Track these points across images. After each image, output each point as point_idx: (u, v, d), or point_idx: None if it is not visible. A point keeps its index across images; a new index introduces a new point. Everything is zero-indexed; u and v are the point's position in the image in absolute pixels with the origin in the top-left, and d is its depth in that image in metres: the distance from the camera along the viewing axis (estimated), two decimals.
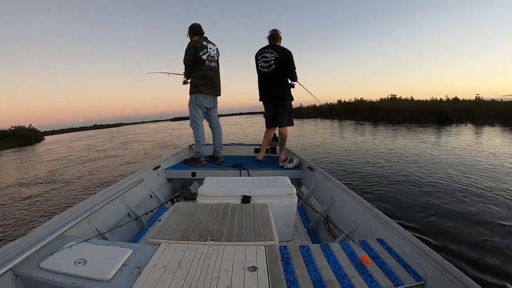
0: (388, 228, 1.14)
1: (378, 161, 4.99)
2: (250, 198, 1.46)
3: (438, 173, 3.99)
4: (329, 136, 9.45)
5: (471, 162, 4.58)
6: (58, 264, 0.92)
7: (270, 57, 2.48)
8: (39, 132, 22.02)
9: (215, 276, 0.84)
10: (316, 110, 22.91)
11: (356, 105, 19.80)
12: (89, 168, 6.51)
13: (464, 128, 10.14)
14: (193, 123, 2.70)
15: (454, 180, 3.59)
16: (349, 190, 1.60)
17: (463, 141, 6.83)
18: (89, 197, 1.57)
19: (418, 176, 3.88)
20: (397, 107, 15.24)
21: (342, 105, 21.48)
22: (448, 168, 4.25)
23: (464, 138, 7.50)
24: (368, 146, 6.78)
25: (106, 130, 39.75)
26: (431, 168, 4.27)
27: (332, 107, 21.83)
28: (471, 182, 3.49)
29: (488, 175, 3.77)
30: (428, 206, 2.79)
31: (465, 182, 3.48)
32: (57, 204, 3.77)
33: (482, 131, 8.79)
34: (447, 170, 4.13)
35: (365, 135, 9.46)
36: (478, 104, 13.66)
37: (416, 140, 7.32)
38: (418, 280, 0.86)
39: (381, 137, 8.54)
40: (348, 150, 6.38)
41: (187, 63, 2.62)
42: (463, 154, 5.22)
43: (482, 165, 4.30)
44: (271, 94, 2.60)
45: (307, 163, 2.42)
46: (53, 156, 9.89)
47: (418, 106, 15.24)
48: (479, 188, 3.23)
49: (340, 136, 9.29)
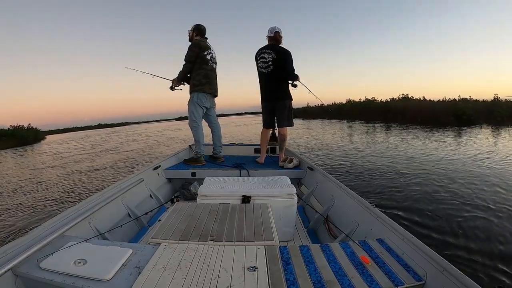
0: (388, 228, 1.14)
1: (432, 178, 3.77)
2: (250, 198, 1.46)
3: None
4: (351, 139, 8.35)
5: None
6: (58, 264, 0.92)
7: (268, 57, 2.47)
8: (39, 131, 21.96)
9: (215, 276, 0.84)
10: (324, 110, 22.10)
11: (367, 104, 19.05)
12: (64, 180, 5.30)
13: (492, 130, 9.20)
14: (192, 123, 2.69)
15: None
16: (349, 190, 1.60)
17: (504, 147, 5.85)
18: (89, 197, 1.57)
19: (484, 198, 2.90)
20: (412, 107, 14.26)
21: (352, 104, 20.76)
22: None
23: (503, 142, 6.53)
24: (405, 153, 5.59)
25: (107, 130, 39.58)
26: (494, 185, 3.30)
27: (341, 107, 21.05)
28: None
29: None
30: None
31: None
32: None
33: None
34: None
35: (390, 137, 8.47)
36: (497, 104, 12.45)
37: (459, 145, 6.27)
38: (418, 280, 0.86)
39: (414, 140, 7.41)
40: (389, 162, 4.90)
41: (189, 59, 2.59)
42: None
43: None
44: (270, 94, 2.59)
45: (307, 163, 2.42)
46: (38, 159, 9.22)
47: (435, 106, 14.08)
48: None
49: (360, 140, 8.05)
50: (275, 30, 2.53)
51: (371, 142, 7.58)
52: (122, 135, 20.14)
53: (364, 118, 16.61)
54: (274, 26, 2.54)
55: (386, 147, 6.61)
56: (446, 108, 12.91)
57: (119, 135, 19.73)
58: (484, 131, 9.09)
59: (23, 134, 18.04)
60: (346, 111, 19.89)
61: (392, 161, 4.98)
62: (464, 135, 8.32)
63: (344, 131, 11.77)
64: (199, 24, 2.68)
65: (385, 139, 8.21)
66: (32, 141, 18.03)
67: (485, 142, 6.83)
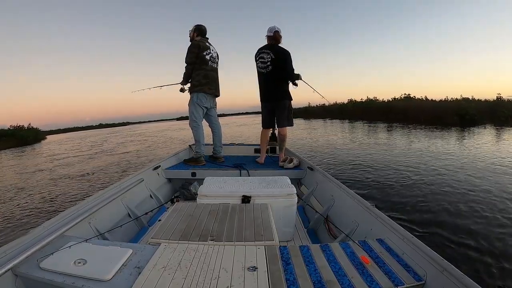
0: (388, 228, 1.14)
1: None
2: (250, 198, 1.46)
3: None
4: (360, 141, 7.85)
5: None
6: (58, 264, 0.92)
7: (266, 58, 2.47)
8: (40, 131, 21.97)
9: (215, 276, 0.84)
10: (326, 109, 22.01)
11: (369, 104, 18.93)
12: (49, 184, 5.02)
13: (497, 130, 8.97)
14: (192, 123, 2.69)
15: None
16: (349, 190, 1.60)
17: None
18: (89, 197, 1.57)
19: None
20: (415, 107, 14.11)
21: (354, 104, 20.66)
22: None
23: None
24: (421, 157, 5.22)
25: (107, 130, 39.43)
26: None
27: (343, 107, 20.89)
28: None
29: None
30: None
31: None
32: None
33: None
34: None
35: (397, 138, 8.07)
36: (500, 104, 12.37)
37: (469, 146, 5.93)
38: (418, 280, 0.86)
39: (424, 141, 7.01)
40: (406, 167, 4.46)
41: (189, 61, 2.61)
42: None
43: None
44: (270, 95, 2.59)
45: (307, 163, 2.42)
46: (30, 162, 8.80)
47: (438, 106, 13.96)
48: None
49: (373, 143, 7.42)
50: (274, 30, 2.53)
51: (378, 144, 7.18)
52: (122, 135, 20.11)
53: (367, 118, 16.41)
54: (273, 25, 2.54)
55: (396, 148, 6.34)
56: (449, 108, 12.75)
57: (118, 135, 19.68)
58: (489, 131, 8.87)
59: (23, 134, 18.05)
60: (348, 111, 19.72)
61: (404, 164, 4.69)
62: (469, 135, 8.12)
63: (348, 131, 11.43)
64: (199, 25, 2.69)
65: (392, 140, 7.81)
66: (32, 141, 18.04)
67: (493, 142, 6.63)
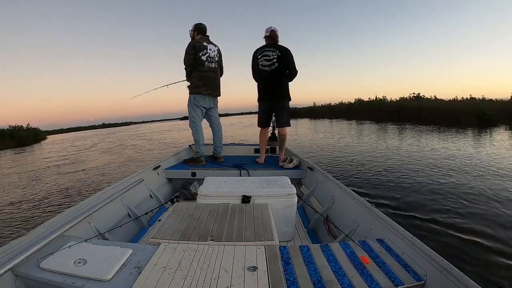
0: (388, 228, 1.14)
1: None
2: (250, 198, 1.46)
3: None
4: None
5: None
6: (58, 264, 0.92)
7: (272, 55, 2.47)
8: (40, 131, 21.84)
9: (215, 276, 0.84)
10: (332, 109, 21.49)
11: (377, 104, 18.40)
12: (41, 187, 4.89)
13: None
14: (191, 123, 2.71)
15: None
16: (349, 190, 1.60)
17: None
18: (89, 197, 1.57)
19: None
20: (428, 107, 13.64)
21: (362, 104, 20.10)
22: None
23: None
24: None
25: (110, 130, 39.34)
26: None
27: (349, 106, 20.26)
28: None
29: None
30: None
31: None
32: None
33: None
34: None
35: (415, 140, 7.43)
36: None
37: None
38: (418, 280, 0.86)
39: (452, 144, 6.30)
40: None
41: (187, 62, 2.63)
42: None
43: None
44: (272, 93, 2.57)
45: (307, 163, 2.42)
46: (28, 162, 8.84)
47: (452, 105, 13.51)
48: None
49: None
50: (271, 29, 2.56)
51: (395, 148, 6.55)
52: (122, 135, 20.03)
53: (375, 118, 15.73)
54: (270, 26, 2.58)
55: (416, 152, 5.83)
56: (465, 107, 12.29)
57: (118, 136, 19.63)
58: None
59: (21, 134, 17.80)
60: (355, 111, 19.08)
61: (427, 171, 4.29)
62: (494, 137, 7.51)
63: (358, 133, 10.69)
64: (199, 23, 2.69)
65: (409, 144, 7.07)
66: (32, 142, 17.87)
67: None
